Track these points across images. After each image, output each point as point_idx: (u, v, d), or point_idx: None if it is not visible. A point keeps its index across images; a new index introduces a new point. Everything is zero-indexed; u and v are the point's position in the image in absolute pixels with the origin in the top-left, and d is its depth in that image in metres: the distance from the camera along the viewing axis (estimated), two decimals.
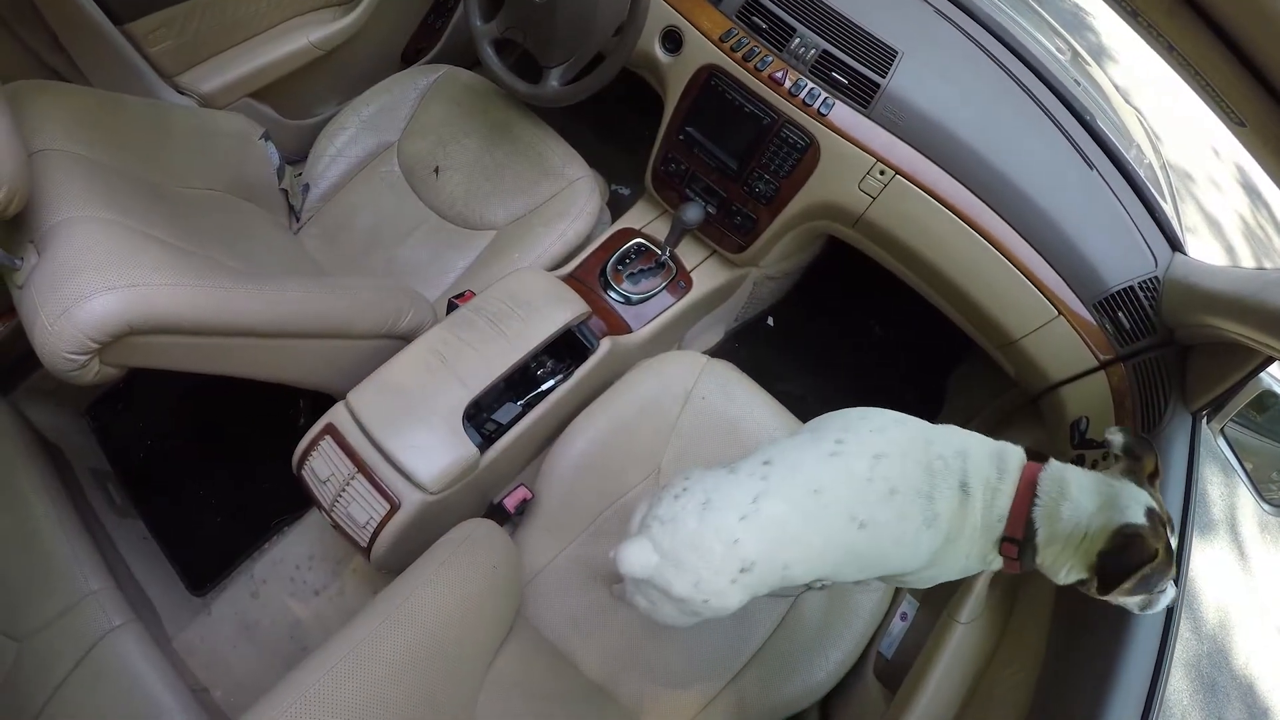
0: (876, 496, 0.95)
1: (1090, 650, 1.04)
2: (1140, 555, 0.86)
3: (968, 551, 0.98)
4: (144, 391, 1.79)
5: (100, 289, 0.93)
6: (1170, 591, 0.92)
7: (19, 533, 1.27)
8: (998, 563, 0.99)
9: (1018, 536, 0.94)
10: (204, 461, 1.75)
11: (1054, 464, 0.97)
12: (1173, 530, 0.90)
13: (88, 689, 1.16)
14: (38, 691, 1.15)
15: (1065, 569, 0.93)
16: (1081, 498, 0.92)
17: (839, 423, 1.05)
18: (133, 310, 0.95)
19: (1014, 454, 1.00)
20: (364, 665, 0.92)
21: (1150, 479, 0.95)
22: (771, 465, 0.99)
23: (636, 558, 0.97)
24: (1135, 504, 0.90)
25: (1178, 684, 2.46)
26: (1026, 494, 0.95)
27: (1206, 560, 2.80)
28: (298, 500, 1.61)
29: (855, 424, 1.03)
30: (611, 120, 2.26)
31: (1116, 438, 0.99)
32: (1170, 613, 1.02)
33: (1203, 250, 3.77)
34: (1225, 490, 3.02)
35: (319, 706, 0.86)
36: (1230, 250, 4.00)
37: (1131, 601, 0.92)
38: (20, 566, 1.25)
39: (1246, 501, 3.01)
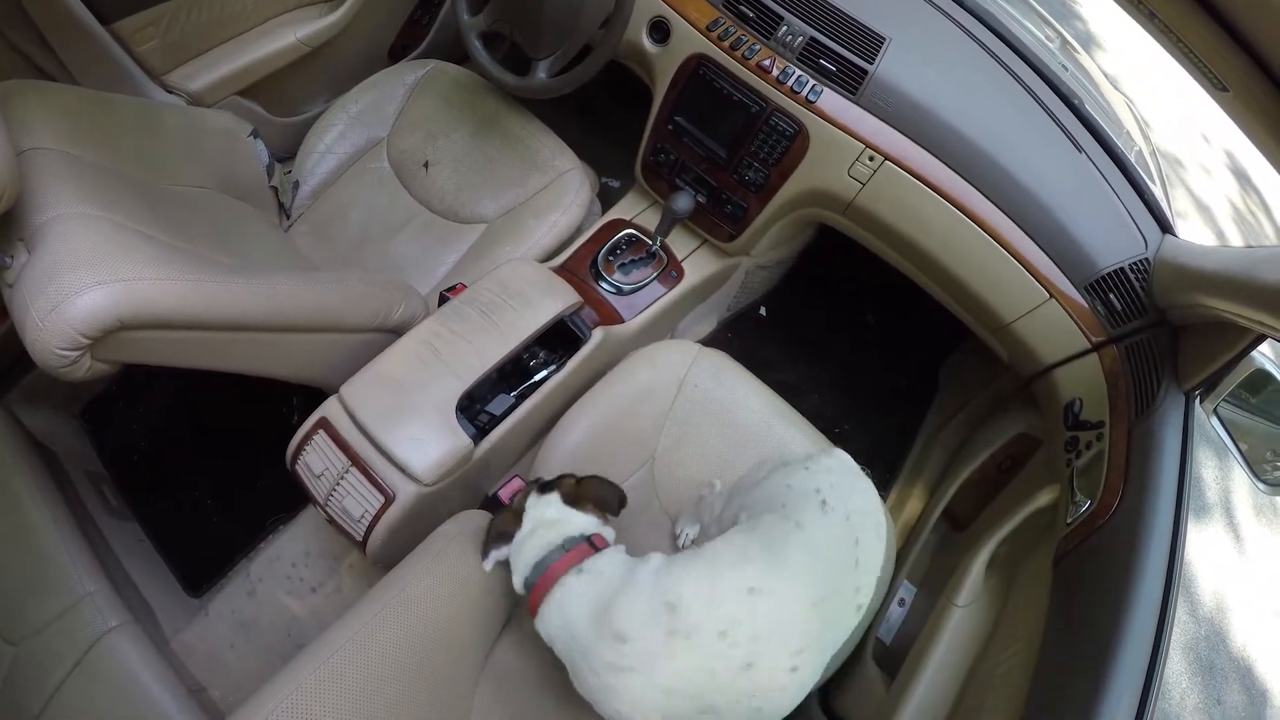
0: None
1: (1088, 633, 1.04)
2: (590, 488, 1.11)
3: None
4: (137, 393, 1.79)
5: (90, 284, 0.93)
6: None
7: (14, 536, 1.27)
8: None
9: None
10: (198, 462, 1.75)
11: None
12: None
13: (86, 691, 1.16)
14: (36, 694, 1.15)
15: None
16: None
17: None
18: (123, 305, 0.94)
19: None
20: (360, 655, 0.92)
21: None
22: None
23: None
24: None
25: (1176, 666, 2.47)
26: None
27: (1202, 543, 2.82)
28: (292, 499, 1.61)
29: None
30: (600, 113, 2.26)
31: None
32: (1167, 595, 1.02)
33: (1193, 235, 3.78)
34: (1220, 473, 3.03)
35: (316, 697, 0.87)
36: (1220, 235, 4.02)
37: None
38: (15, 570, 1.25)
39: (1241, 484, 3.02)
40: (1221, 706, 2.47)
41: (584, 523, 1.06)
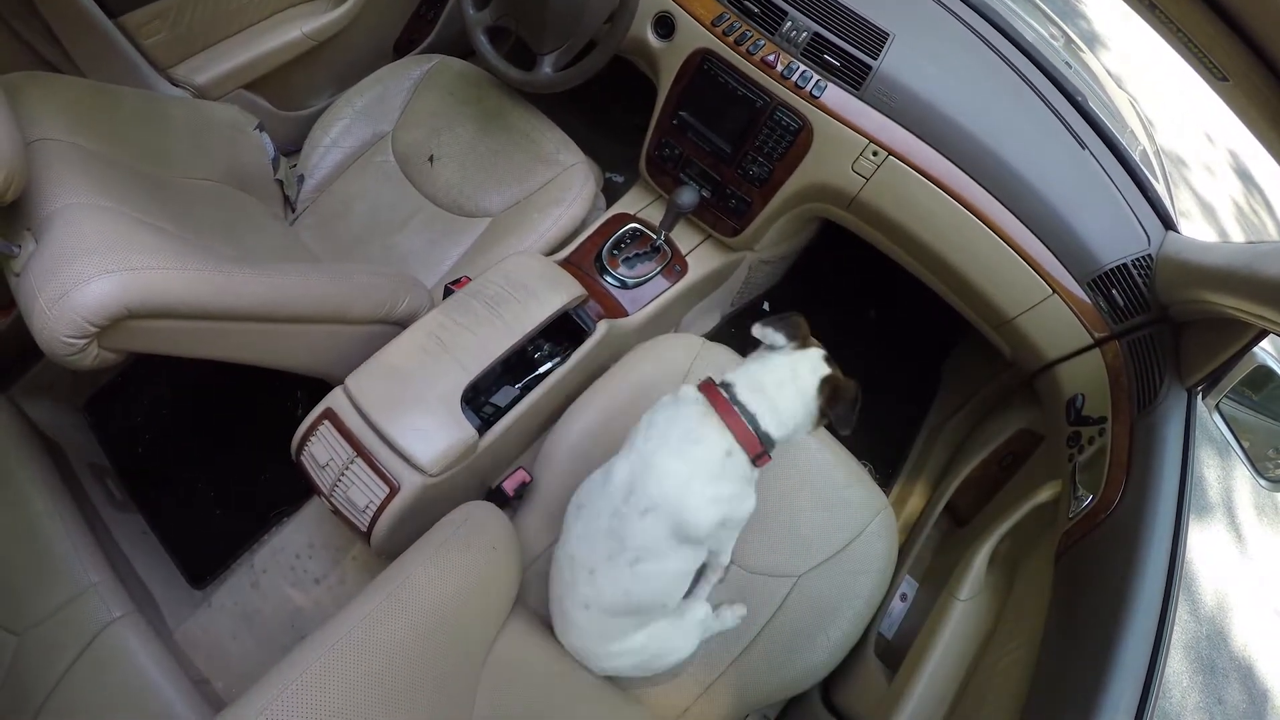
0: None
1: (1089, 628, 1.05)
2: (848, 393, 1.10)
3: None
4: (141, 387, 1.79)
5: (98, 272, 0.93)
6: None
7: (18, 528, 1.27)
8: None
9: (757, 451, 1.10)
10: (202, 455, 1.75)
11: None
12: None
13: (89, 681, 1.17)
14: (40, 684, 1.15)
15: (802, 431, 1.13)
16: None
17: None
18: (130, 293, 0.95)
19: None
20: (364, 645, 0.92)
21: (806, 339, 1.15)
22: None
23: None
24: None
25: (1176, 665, 2.48)
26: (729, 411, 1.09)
27: (1204, 542, 2.82)
28: (295, 492, 1.62)
29: None
30: (605, 109, 2.26)
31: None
32: (1168, 590, 1.02)
33: (1196, 233, 3.78)
34: (1221, 473, 3.03)
35: (320, 685, 0.86)
36: (1223, 233, 4.02)
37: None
38: (19, 561, 1.25)
39: (1242, 484, 3.03)
40: (1222, 706, 2.47)
41: (797, 419, 1.11)
